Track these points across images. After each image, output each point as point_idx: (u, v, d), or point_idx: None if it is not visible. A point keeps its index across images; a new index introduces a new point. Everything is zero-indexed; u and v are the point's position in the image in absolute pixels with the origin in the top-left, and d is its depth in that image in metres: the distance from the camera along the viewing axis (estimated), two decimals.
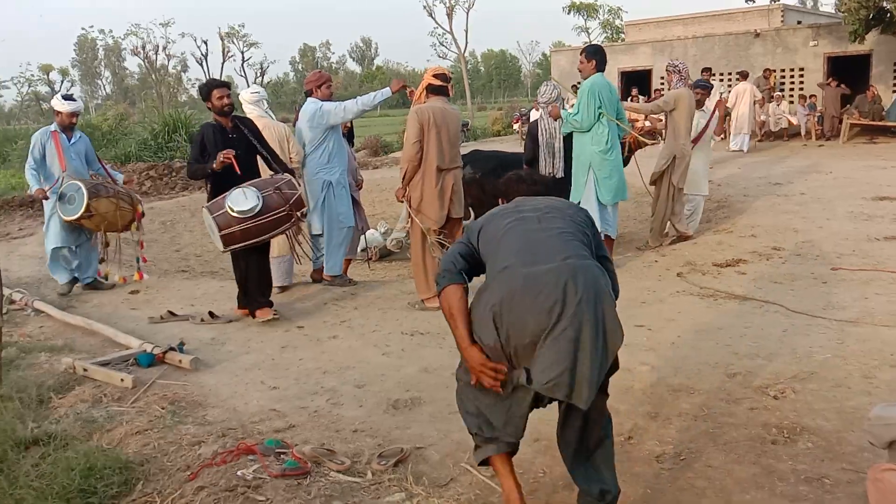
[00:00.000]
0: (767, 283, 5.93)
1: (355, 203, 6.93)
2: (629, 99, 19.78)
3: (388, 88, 6.56)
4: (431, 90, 5.87)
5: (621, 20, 47.05)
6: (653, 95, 20.47)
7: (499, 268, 2.60)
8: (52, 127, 6.76)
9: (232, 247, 5.38)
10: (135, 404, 4.14)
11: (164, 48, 60.04)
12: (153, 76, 61.86)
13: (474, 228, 2.81)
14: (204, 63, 58.59)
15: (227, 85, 5.75)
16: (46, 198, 6.55)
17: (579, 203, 6.21)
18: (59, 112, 6.73)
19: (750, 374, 4.12)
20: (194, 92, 77.58)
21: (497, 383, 2.56)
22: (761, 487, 3.02)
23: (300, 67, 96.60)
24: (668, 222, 7.77)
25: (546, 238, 2.62)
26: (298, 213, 5.61)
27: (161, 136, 18.10)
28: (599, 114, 6.36)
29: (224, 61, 58.44)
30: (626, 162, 7.79)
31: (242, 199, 5.29)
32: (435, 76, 5.89)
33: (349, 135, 7.33)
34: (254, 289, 5.65)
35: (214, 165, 5.41)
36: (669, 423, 3.60)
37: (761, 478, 3.08)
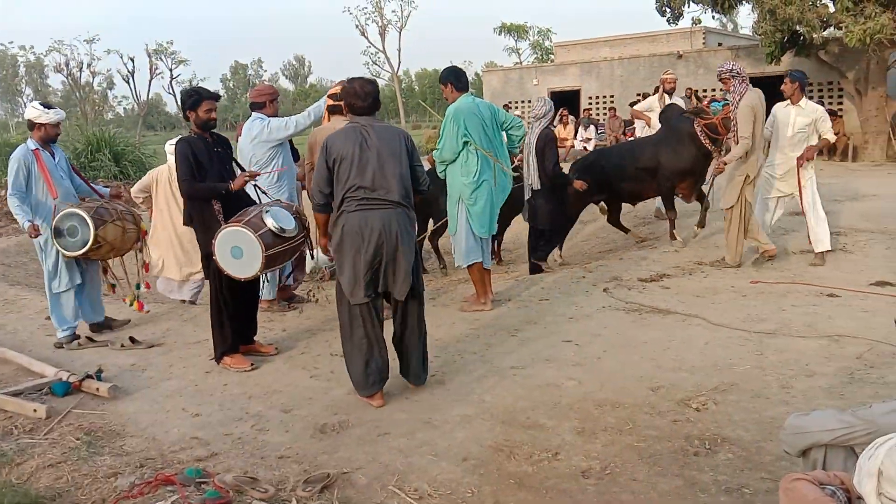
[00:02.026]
0: (690, 296, 6.09)
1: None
2: (559, 117, 20.14)
3: (324, 98, 6.33)
4: (331, 110, 5.89)
5: (550, 41, 48.14)
6: (581, 115, 20.91)
7: (348, 207, 4.10)
8: (32, 144, 5.58)
9: (265, 271, 4.83)
10: (48, 436, 3.96)
11: (89, 65, 58.49)
12: (77, 94, 60.08)
13: (332, 155, 4.13)
14: (131, 80, 57.19)
15: (217, 98, 5.24)
16: (39, 234, 5.48)
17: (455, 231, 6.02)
18: (41, 125, 5.56)
19: (673, 386, 4.20)
20: (120, 109, 75.78)
21: (328, 250, 4.43)
22: (684, 499, 3.07)
23: (231, 85, 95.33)
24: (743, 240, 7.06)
25: (378, 197, 4.10)
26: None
27: (84, 155, 17.45)
28: (465, 142, 5.76)
29: (152, 79, 57.10)
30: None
31: (286, 218, 4.84)
32: (329, 96, 5.89)
33: (294, 151, 7.11)
34: (248, 322, 5.25)
35: (233, 185, 5.00)
36: (596, 438, 3.63)
37: (684, 490, 3.13)
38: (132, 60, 56.39)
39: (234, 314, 5.00)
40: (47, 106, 5.71)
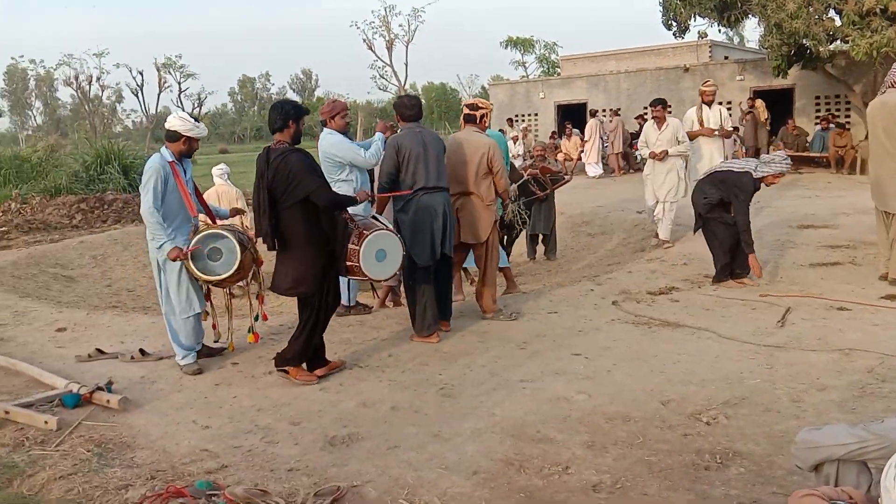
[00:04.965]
0: (699, 309, 6.07)
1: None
2: (564, 132, 20.19)
3: (378, 133, 6.31)
4: (466, 119, 6.14)
5: (556, 55, 48.24)
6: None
7: (419, 192, 5.44)
8: (168, 156, 5.09)
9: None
10: (59, 447, 3.96)
11: (98, 78, 58.94)
12: (86, 107, 60.53)
13: (401, 152, 5.46)
14: (140, 94, 57.66)
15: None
16: (185, 258, 4.99)
17: None
18: (188, 138, 5.12)
19: (683, 400, 4.19)
20: (129, 123, 76.31)
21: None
22: None
23: (239, 98, 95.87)
24: None
25: (436, 185, 5.49)
26: None
27: (93, 167, 17.56)
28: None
29: (160, 92, 57.64)
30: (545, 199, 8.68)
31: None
32: (466, 106, 6.19)
33: None
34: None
35: (359, 197, 5.13)
36: (606, 452, 3.62)
37: None
38: (141, 74, 56.95)
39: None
40: (196, 119, 5.26)
